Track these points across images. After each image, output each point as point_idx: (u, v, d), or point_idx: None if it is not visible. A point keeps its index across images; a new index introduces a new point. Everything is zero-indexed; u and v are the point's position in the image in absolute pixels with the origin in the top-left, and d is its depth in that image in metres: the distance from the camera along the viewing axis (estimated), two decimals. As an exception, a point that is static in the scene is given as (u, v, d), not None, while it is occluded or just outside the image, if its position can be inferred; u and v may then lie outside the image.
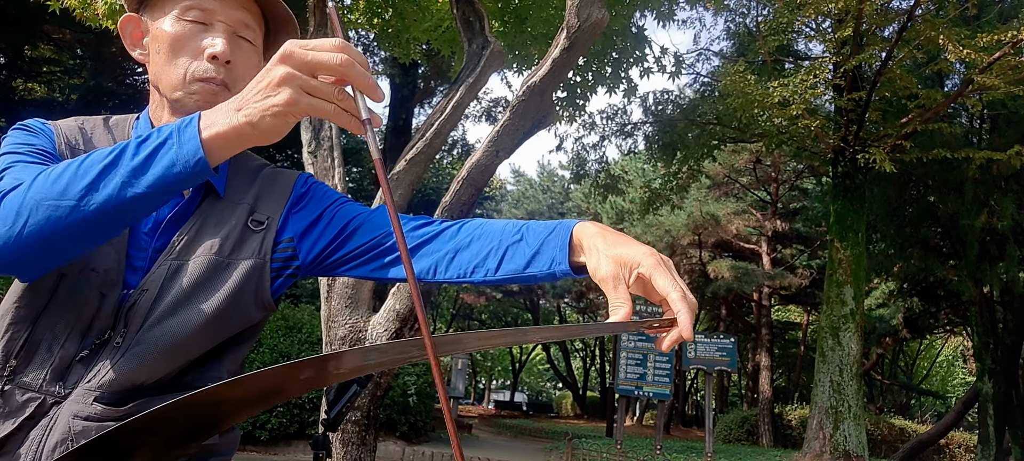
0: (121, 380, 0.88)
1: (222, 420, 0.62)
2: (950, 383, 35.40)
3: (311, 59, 0.71)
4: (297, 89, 0.72)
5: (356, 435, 3.94)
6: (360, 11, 6.01)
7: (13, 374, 0.88)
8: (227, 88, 0.98)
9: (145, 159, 0.76)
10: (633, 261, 0.80)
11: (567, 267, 0.88)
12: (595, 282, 0.83)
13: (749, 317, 22.96)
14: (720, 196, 21.47)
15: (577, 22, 3.79)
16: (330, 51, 0.71)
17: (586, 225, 0.88)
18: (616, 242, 0.83)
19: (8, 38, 13.03)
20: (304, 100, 0.72)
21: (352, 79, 0.72)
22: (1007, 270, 13.12)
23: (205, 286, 0.94)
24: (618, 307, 0.78)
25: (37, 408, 0.86)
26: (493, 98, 16.35)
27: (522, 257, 0.92)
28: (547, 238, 0.91)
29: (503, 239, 0.94)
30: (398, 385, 10.42)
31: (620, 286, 0.79)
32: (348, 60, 0.71)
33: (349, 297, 4.01)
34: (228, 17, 0.99)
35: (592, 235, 0.86)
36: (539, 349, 35.98)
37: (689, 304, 0.77)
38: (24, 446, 0.85)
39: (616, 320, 0.77)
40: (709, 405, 12.39)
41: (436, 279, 0.99)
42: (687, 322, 0.76)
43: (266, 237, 1.01)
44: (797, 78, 10.31)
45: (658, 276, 0.78)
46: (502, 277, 0.94)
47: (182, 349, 0.92)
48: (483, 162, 4.05)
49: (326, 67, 0.71)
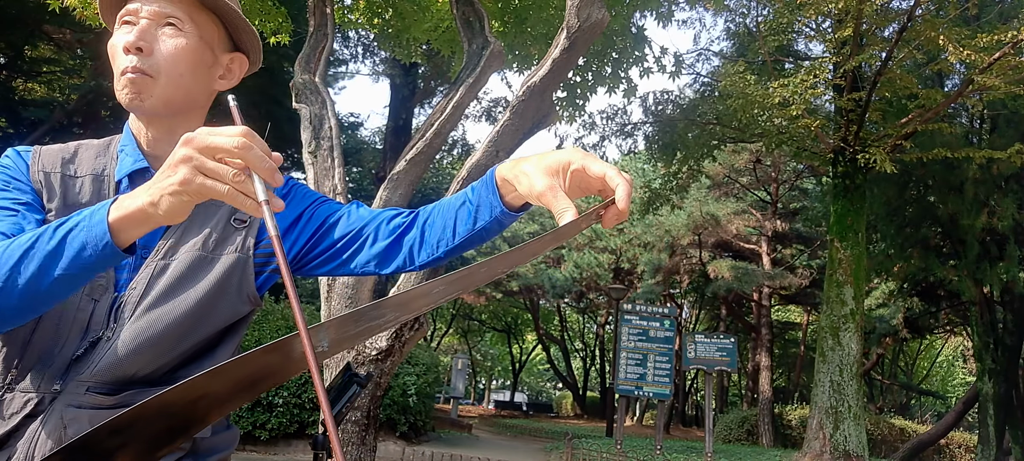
0: (112, 371, 0.92)
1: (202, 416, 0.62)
2: (950, 383, 35.39)
3: (210, 142, 0.74)
4: (192, 169, 0.74)
5: (356, 435, 3.94)
6: (360, 11, 6.01)
7: (13, 382, 0.92)
8: (149, 76, 0.99)
9: (58, 243, 0.79)
10: (562, 163, 0.83)
11: (503, 207, 0.92)
12: (535, 202, 0.85)
13: (749, 317, 22.95)
14: (720, 196, 21.46)
15: (577, 22, 3.79)
16: (228, 136, 0.74)
17: (504, 163, 0.92)
18: (539, 158, 0.86)
19: (8, 38, 13.03)
20: (197, 179, 0.74)
21: (249, 162, 0.73)
22: (1007, 270, 13.12)
23: (189, 278, 0.99)
24: (564, 211, 0.80)
25: (36, 406, 0.90)
26: (493, 98, 16.36)
27: (468, 217, 0.96)
28: (481, 190, 0.94)
29: (452, 206, 0.99)
30: (398, 385, 10.42)
31: (558, 193, 0.81)
32: (246, 143, 0.73)
33: (349, 297, 4.01)
34: (149, 12, 1.01)
35: (513, 165, 0.89)
36: (539, 349, 35.97)
37: (625, 178, 0.79)
38: (22, 439, 0.89)
39: (566, 222, 0.78)
40: (709, 405, 12.38)
41: (414, 265, 1.03)
42: (623, 194, 0.78)
43: (248, 233, 1.05)
44: (797, 78, 10.30)
45: (590, 163, 0.81)
46: (460, 241, 0.98)
47: (169, 340, 0.95)
48: (483, 162, 4.05)
49: (223, 150, 0.73)
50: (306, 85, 4.33)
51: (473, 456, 9.26)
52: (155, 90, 1.00)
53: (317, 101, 4.30)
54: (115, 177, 1.02)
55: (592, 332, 34.27)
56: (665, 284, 22.61)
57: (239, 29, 1.10)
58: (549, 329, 32.56)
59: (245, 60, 1.13)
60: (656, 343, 12.17)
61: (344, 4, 6.14)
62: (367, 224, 1.06)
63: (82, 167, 1.03)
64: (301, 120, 4.29)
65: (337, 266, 1.07)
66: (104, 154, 1.05)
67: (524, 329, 34.42)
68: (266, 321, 8.98)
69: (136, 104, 1.00)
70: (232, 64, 1.11)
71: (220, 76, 1.09)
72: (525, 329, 34.35)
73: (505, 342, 34.97)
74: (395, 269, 1.05)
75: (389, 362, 3.99)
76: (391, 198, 4.05)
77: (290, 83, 4.40)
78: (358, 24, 6.27)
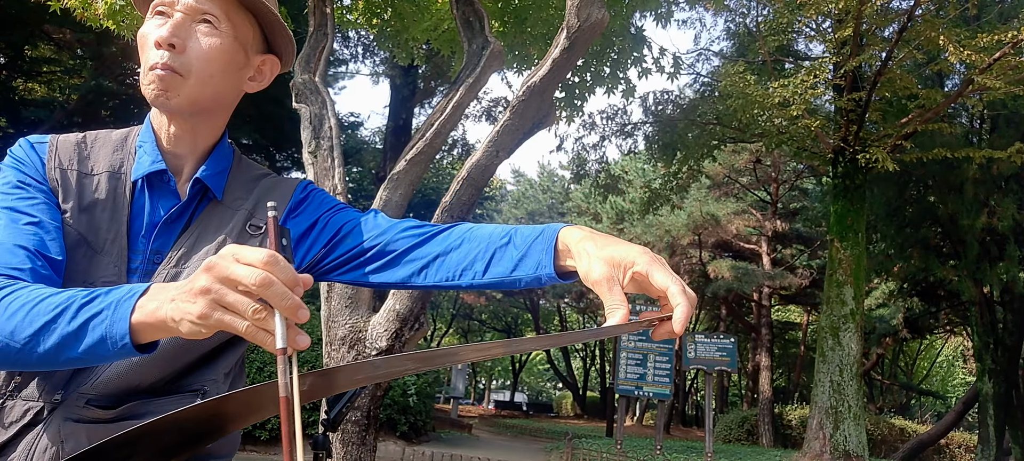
0: (115, 383, 0.90)
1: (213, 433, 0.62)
2: (950, 383, 35.40)
3: (230, 274, 0.67)
4: (210, 303, 0.68)
5: (356, 435, 3.94)
6: (360, 11, 6.01)
7: (16, 389, 0.90)
8: (178, 74, 0.95)
9: (81, 326, 0.76)
10: (627, 261, 0.80)
11: (552, 271, 0.88)
12: (589, 286, 0.82)
13: (749, 317, 22.96)
14: (720, 196, 21.46)
15: (577, 22, 3.79)
16: (251, 266, 0.66)
17: (572, 229, 0.88)
18: (606, 244, 0.83)
19: (8, 38, 13.03)
20: (215, 314, 0.68)
21: (270, 300, 0.66)
22: (1007, 270, 13.12)
23: None
24: (615, 309, 0.77)
25: (35, 416, 0.88)
26: (493, 98, 16.34)
27: (509, 261, 0.92)
28: (534, 242, 0.91)
29: (491, 243, 0.94)
30: (398, 385, 10.42)
31: (615, 287, 0.78)
32: (267, 279, 0.65)
33: (349, 297, 4.01)
34: (185, 6, 0.97)
35: (580, 239, 0.85)
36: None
37: (688, 298, 0.76)
38: (17, 451, 0.87)
39: (614, 323, 0.76)
40: (709, 405, 12.38)
41: (425, 283, 0.99)
42: (682, 316, 0.75)
43: (263, 241, 1.01)
44: (797, 78, 10.30)
45: (655, 272, 0.78)
46: (489, 281, 0.94)
47: (175, 351, 0.93)
48: (483, 162, 4.05)
49: (243, 285, 0.66)
50: (306, 85, 4.33)
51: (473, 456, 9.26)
52: (183, 89, 0.96)
53: (317, 101, 4.30)
54: (132, 176, 0.99)
55: (592, 332, 34.21)
56: (665, 284, 22.54)
57: (275, 31, 1.06)
58: (549, 329, 32.57)
59: (277, 63, 1.09)
60: (656, 343, 12.16)
61: (344, 4, 6.14)
62: (383, 234, 1.03)
63: (99, 163, 1.00)
64: (301, 120, 4.29)
65: (348, 272, 1.04)
66: (122, 148, 1.02)
67: (524, 329, 34.42)
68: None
69: (161, 101, 0.96)
70: (263, 66, 1.07)
71: (250, 78, 1.05)
72: (525, 329, 34.36)
73: (505, 342, 34.92)
74: (403, 282, 1.01)
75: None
76: (391, 198, 4.05)
77: (290, 83, 4.40)
78: (357, 24, 6.26)
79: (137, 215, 0.98)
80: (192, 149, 1.03)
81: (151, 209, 0.98)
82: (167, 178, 1.00)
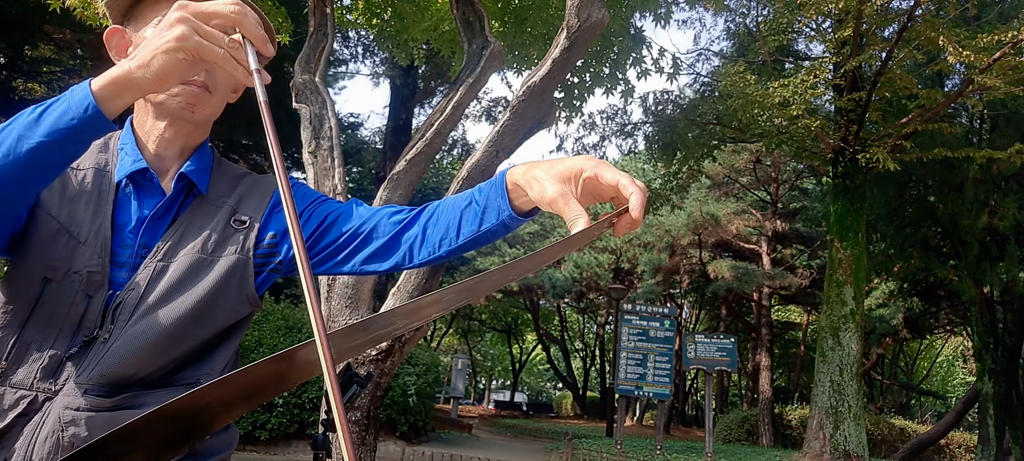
0: (110, 374, 0.91)
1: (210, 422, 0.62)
2: (950, 383, 35.39)
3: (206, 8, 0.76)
4: (189, 29, 0.75)
5: (356, 435, 3.94)
6: (360, 11, 6.01)
7: (3, 375, 0.90)
8: (209, 92, 1.00)
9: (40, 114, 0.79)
10: (575, 169, 0.82)
11: (511, 211, 0.91)
12: (546, 208, 0.84)
13: (749, 317, 22.96)
14: (720, 196, 21.46)
15: (577, 22, 3.79)
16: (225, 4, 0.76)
17: (517, 167, 0.90)
18: (552, 163, 0.85)
19: (8, 38, 13.03)
20: (194, 38, 0.75)
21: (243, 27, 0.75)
22: (1007, 270, 13.12)
23: (189, 281, 0.98)
24: (576, 219, 0.78)
25: (29, 405, 0.89)
26: (493, 98, 16.34)
27: (474, 218, 0.95)
28: (489, 193, 0.94)
29: (457, 207, 0.98)
30: (398, 385, 10.42)
31: (570, 200, 0.80)
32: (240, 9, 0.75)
33: (349, 297, 4.01)
34: None
35: (525, 170, 0.88)
36: (539, 349, 35.97)
37: (639, 187, 0.78)
38: (19, 441, 0.87)
39: (579, 229, 0.77)
40: (709, 405, 12.38)
41: (413, 263, 1.02)
42: (637, 203, 0.76)
43: (248, 234, 1.04)
44: (797, 78, 10.30)
45: (603, 171, 0.79)
46: (463, 242, 0.97)
47: (167, 341, 0.94)
48: (483, 162, 4.05)
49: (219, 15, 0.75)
50: (306, 85, 4.33)
51: (473, 456, 9.27)
52: (208, 106, 1.02)
53: (317, 101, 4.30)
54: (115, 177, 1.01)
55: (592, 332, 34.27)
56: (665, 284, 22.61)
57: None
58: (549, 329, 32.56)
59: None
60: (656, 343, 12.17)
61: (344, 4, 6.14)
62: (366, 221, 1.06)
63: (85, 160, 1.02)
64: (301, 120, 4.29)
65: (337, 264, 1.07)
66: (106, 149, 1.04)
67: (524, 329, 34.42)
68: (266, 321, 8.97)
69: (186, 115, 1.01)
70: None
71: (234, 89, 1.10)
72: (525, 329, 34.35)
73: (505, 342, 34.97)
74: (393, 266, 1.04)
75: (389, 362, 4.00)
76: (391, 198, 4.05)
77: (290, 83, 4.40)
78: (357, 24, 6.27)
79: (123, 211, 1.00)
80: (180, 151, 1.06)
81: (137, 206, 1.01)
82: (150, 176, 1.02)
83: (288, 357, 0.59)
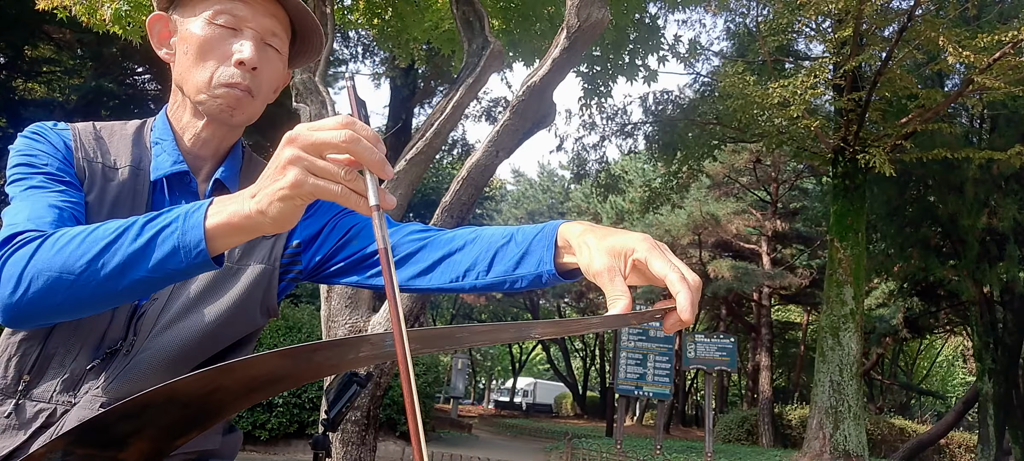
0: (128, 386, 0.89)
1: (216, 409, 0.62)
2: (950, 383, 35.39)
3: (316, 139, 0.68)
4: (302, 170, 0.68)
5: (356, 435, 3.94)
6: (360, 11, 6.02)
7: (27, 388, 0.89)
8: (251, 95, 0.97)
9: (147, 243, 0.74)
10: (627, 249, 0.76)
11: (553, 268, 0.85)
12: (590, 279, 0.79)
13: (749, 317, 22.95)
14: (720, 196, 21.46)
15: (577, 22, 3.79)
16: (334, 129, 0.68)
17: (573, 224, 0.86)
18: (607, 234, 0.80)
19: (8, 38, 13.02)
20: (309, 181, 0.68)
21: (358, 155, 0.67)
22: (1007, 270, 13.12)
23: (212, 292, 0.96)
24: (617, 299, 0.74)
25: (48, 418, 0.88)
26: (493, 98, 16.36)
27: (511, 259, 0.90)
28: (534, 239, 0.89)
29: (493, 243, 0.93)
30: (398, 385, 10.38)
31: (616, 278, 0.75)
32: (353, 136, 0.67)
33: (349, 297, 4.01)
34: (258, 25, 0.98)
35: (580, 232, 0.83)
36: (539, 349, 35.98)
37: (690, 284, 0.72)
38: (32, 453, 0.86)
39: (616, 313, 0.73)
40: (709, 405, 12.38)
41: (430, 286, 0.97)
42: (686, 303, 0.70)
43: (276, 243, 1.01)
44: (797, 78, 10.30)
45: (654, 260, 0.74)
46: (492, 281, 0.92)
47: (188, 355, 0.92)
48: (483, 162, 4.05)
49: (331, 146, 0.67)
50: (306, 85, 4.33)
51: (473, 456, 9.27)
52: (249, 109, 0.98)
53: (317, 101, 4.30)
54: (151, 176, 0.98)
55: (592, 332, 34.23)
56: (665, 284, 22.54)
57: (306, 53, 1.08)
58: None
59: (289, 78, 1.11)
60: (656, 343, 12.17)
61: (344, 4, 6.14)
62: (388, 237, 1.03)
63: (120, 157, 0.98)
64: (301, 120, 4.29)
65: (355, 278, 1.04)
66: (138, 143, 1.00)
67: (524, 329, 34.36)
68: (266, 321, 8.97)
69: (226, 117, 0.97)
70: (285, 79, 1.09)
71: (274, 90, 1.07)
72: (525, 329, 34.30)
73: (505, 342, 34.97)
74: (407, 286, 1.01)
75: (389, 362, 3.99)
76: (391, 198, 4.05)
77: (290, 83, 4.40)
78: (357, 24, 6.27)
79: None
80: (215, 151, 1.03)
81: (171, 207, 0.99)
82: (188, 180, 0.99)
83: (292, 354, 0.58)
